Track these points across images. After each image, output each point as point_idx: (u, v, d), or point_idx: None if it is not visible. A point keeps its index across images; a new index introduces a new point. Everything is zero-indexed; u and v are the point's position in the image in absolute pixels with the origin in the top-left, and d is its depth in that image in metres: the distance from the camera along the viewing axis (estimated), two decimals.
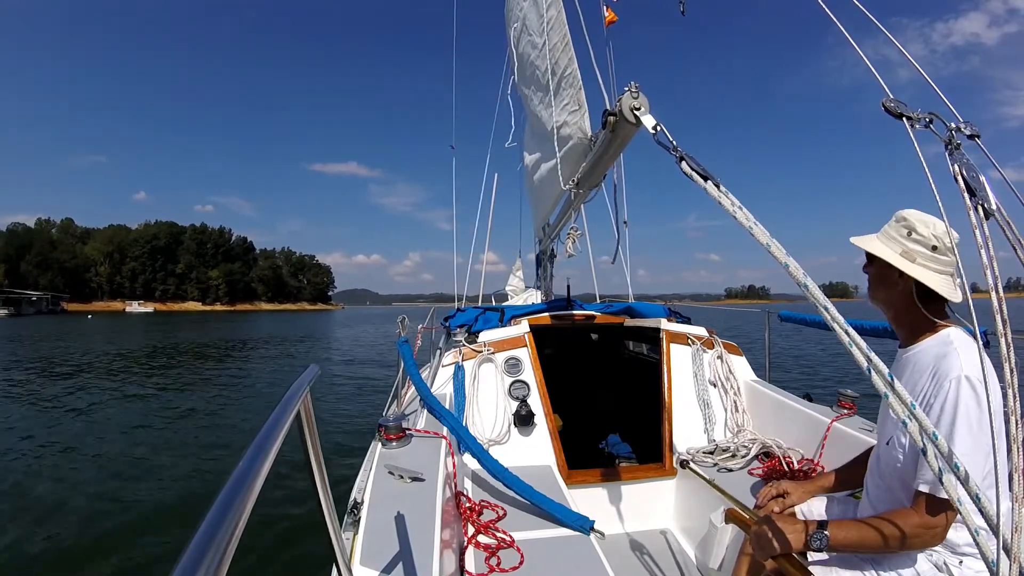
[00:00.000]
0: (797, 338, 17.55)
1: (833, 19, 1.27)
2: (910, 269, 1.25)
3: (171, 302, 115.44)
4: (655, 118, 1.52)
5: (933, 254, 1.25)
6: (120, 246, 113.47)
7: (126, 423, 7.68)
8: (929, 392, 1.20)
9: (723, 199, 1.13)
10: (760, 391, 2.74)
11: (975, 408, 1.12)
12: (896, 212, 1.34)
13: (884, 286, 1.33)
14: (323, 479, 0.93)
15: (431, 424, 2.13)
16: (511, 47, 3.56)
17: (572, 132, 2.58)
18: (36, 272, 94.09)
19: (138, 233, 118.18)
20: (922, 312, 1.27)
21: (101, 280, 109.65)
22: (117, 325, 40.53)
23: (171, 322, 48.44)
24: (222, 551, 0.43)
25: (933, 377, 1.21)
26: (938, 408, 1.16)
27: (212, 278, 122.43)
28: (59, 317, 63.28)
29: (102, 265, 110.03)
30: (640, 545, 2.32)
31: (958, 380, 1.15)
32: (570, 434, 2.84)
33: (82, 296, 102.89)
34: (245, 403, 9.24)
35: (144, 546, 3.90)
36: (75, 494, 4.92)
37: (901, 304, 1.31)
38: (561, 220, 3.66)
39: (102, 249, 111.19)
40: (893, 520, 1.19)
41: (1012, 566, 0.77)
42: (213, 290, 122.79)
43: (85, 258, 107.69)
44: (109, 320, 52.16)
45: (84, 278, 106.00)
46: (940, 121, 0.99)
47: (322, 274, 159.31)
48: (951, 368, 1.17)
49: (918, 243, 1.26)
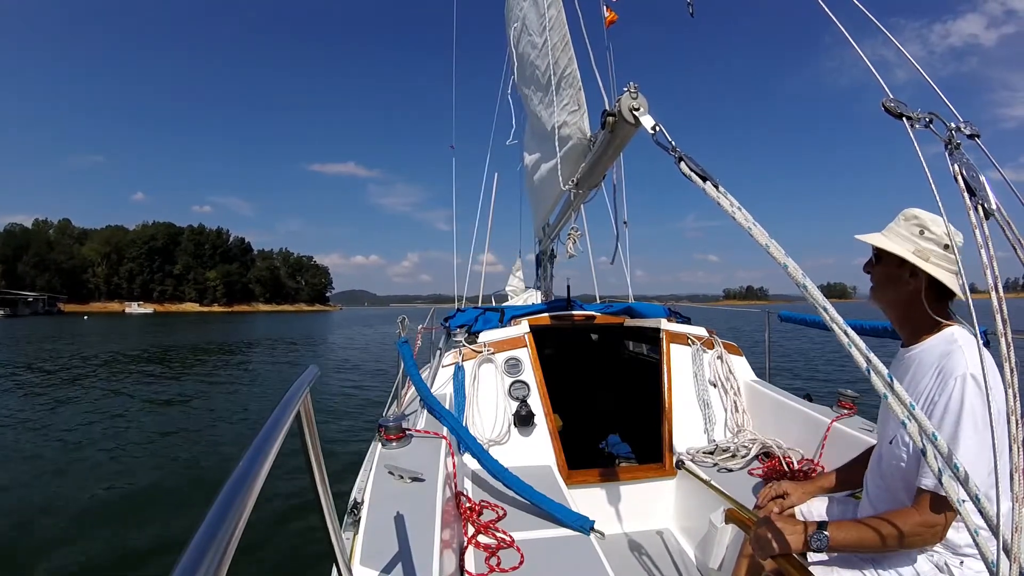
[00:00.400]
0: (797, 338, 17.56)
1: (834, 20, 1.27)
2: (926, 267, 1.24)
3: (168, 303, 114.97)
4: (654, 118, 1.52)
5: (945, 252, 1.24)
6: (117, 247, 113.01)
7: (114, 428, 7.47)
8: (933, 390, 1.20)
9: (722, 200, 1.13)
10: (760, 391, 2.74)
11: (980, 406, 1.12)
12: (903, 211, 1.33)
13: (893, 286, 1.32)
14: (323, 479, 0.93)
15: (431, 424, 2.13)
16: (511, 47, 3.57)
17: (572, 132, 2.58)
18: (33, 273, 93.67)
19: (135, 234, 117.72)
20: (927, 312, 1.27)
21: (98, 281, 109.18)
22: (115, 326, 40.22)
23: (168, 323, 48.02)
24: (222, 551, 0.43)
25: (938, 375, 1.20)
26: (942, 406, 1.16)
27: (210, 279, 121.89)
28: (55, 318, 62.98)
29: (99, 266, 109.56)
30: (640, 545, 2.32)
31: (963, 378, 1.15)
32: (570, 434, 2.84)
33: (79, 297, 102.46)
34: (231, 421, 8.28)
35: (144, 545, 3.90)
36: (68, 496, 4.92)
37: (908, 304, 1.30)
38: (561, 220, 3.65)
39: (99, 250, 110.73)
40: (893, 519, 1.19)
41: (1012, 566, 0.77)
42: (211, 291, 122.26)
43: (82, 259, 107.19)
44: (107, 321, 51.82)
45: (81, 279, 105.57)
46: (940, 121, 0.98)
47: (320, 275, 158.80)
48: (956, 366, 1.17)
49: (931, 241, 1.26)
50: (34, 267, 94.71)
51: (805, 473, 2.15)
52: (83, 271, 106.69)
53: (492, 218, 7.17)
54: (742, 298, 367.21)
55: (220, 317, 73.13)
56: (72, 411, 8.60)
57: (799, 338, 17.57)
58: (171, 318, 69.83)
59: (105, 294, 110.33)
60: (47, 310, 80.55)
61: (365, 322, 49.60)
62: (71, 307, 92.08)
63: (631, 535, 2.40)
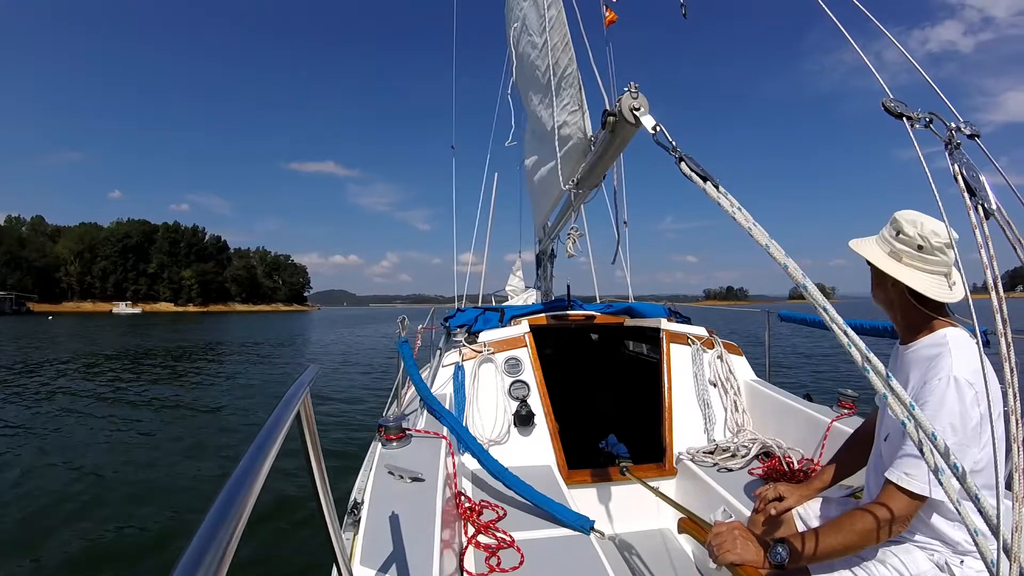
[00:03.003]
0: (797, 338, 17.55)
1: (835, 21, 1.26)
2: (892, 268, 1.28)
3: (143, 303, 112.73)
4: (655, 118, 1.52)
5: (919, 253, 1.26)
6: (91, 245, 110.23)
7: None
8: (918, 390, 1.22)
9: (722, 200, 1.13)
10: (760, 391, 2.74)
11: (957, 407, 1.14)
12: (894, 213, 1.35)
13: (881, 287, 1.36)
14: (323, 479, 0.93)
15: (431, 424, 2.13)
16: (511, 47, 3.56)
17: (572, 132, 2.58)
18: (4, 271, 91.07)
19: (109, 231, 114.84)
20: (918, 311, 1.29)
21: (71, 280, 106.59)
22: (91, 328, 37.60)
23: (147, 324, 45.85)
24: (222, 551, 0.43)
25: (923, 376, 1.23)
26: (929, 409, 1.18)
27: (185, 278, 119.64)
28: (23, 318, 61.32)
29: (72, 264, 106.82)
30: (640, 545, 2.32)
31: (944, 380, 1.17)
32: (570, 434, 2.84)
33: (51, 297, 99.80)
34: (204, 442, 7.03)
35: (142, 545, 3.90)
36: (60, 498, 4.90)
37: (898, 304, 1.33)
38: (561, 220, 3.65)
39: (72, 248, 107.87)
40: (856, 518, 1.21)
41: (1012, 566, 0.76)
42: (185, 290, 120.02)
43: (55, 257, 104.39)
44: (95, 322, 49.70)
45: (54, 278, 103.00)
46: (940, 121, 0.98)
47: (297, 274, 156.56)
48: (940, 368, 1.19)
49: (904, 243, 1.28)
50: (5, 265, 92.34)
51: (805, 473, 2.15)
52: (56, 270, 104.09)
53: (492, 218, 7.17)
54: (722, 298, 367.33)
55: (195, 317, 70.44)
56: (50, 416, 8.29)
57: (797, 337, 17.57)
58: (152, 318, 67.81)
59: (78, 294, 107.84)
60: (15, 310, 78.38)
61: (344, 323, 46.16)
62: (43, 307, 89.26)
63: (631, 535, 2.40)
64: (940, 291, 1.25)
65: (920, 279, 1.26)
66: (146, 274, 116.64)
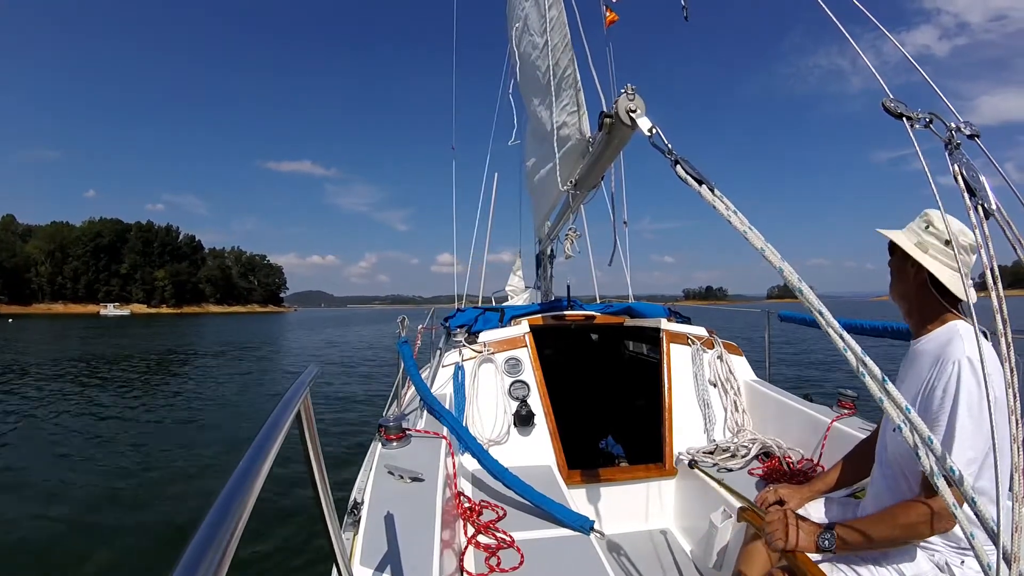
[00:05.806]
0: (797, 337, 17.54)
1: (836, 23, 1.27)
2: (920, 257, 1.30)
3: (115, 304, 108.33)
4: (651, 120, 1.52)
5: (946, 248, 1.28)
6: (62, 244, 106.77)
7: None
8: (933, 376, 1.23)
9: (717, 203, 1.13)
10: (760, 391, 2.73)
11: (976, 390, 1.15)
12: (924, 210, 1.38)
13: (901, 279, 1.39)
14: (323, 479, 0.93)
15: (431, 424, 2.13)
16: (512, 47, 3.56)
17: (571, 133, 2.57)
18: None
19: (81, 231, 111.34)
20: (935, 302, 1.31)
21: (42, 281, 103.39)
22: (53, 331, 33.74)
23: (120, 328, 40.73)
24: (222, 551, 0.43)
25: (937, 361, 1.24)
26: (940, 391, 1.19)
27: (158, 279, 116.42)
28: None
29: (43, 264, 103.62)
30: (640, 545, 2.32)
31: (959, 362, 1.18)
32: (570, 434, 2.84)
33: (21, 298, 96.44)
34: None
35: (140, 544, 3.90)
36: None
37: (915, 296, 1.36)
38: (560, 221, 3.65)
39: (43, 247, 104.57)
40: (899, 512, 1.21)
41: (1012, 567, 0.76)
42: (159, 291, 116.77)
43: (26, 257, 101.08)
44: (81, 323, 46.95)
45: (24, 278, 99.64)
46: (940, 121, 0.98)
47: (274, 275, 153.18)
48: (954, 351, 1.21)
49: (932, 235, 1.31)
50: None
51: (805, 473, 2.14)
52: (26, 270, 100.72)
53: (492, 218, 7.17)
54: (702, 298, 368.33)
55: (168, 320, 66.90)
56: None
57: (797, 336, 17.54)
58: (131, 320, 65.18)
59: (49, 295, 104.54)
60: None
61: (322, 324, 43.79)
62: (12, 309, 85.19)
63: (631, 535, 2.39)
64: (959, 288, 1.27)
65: (944, 272, 1.28)
66: (119, 275, 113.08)
